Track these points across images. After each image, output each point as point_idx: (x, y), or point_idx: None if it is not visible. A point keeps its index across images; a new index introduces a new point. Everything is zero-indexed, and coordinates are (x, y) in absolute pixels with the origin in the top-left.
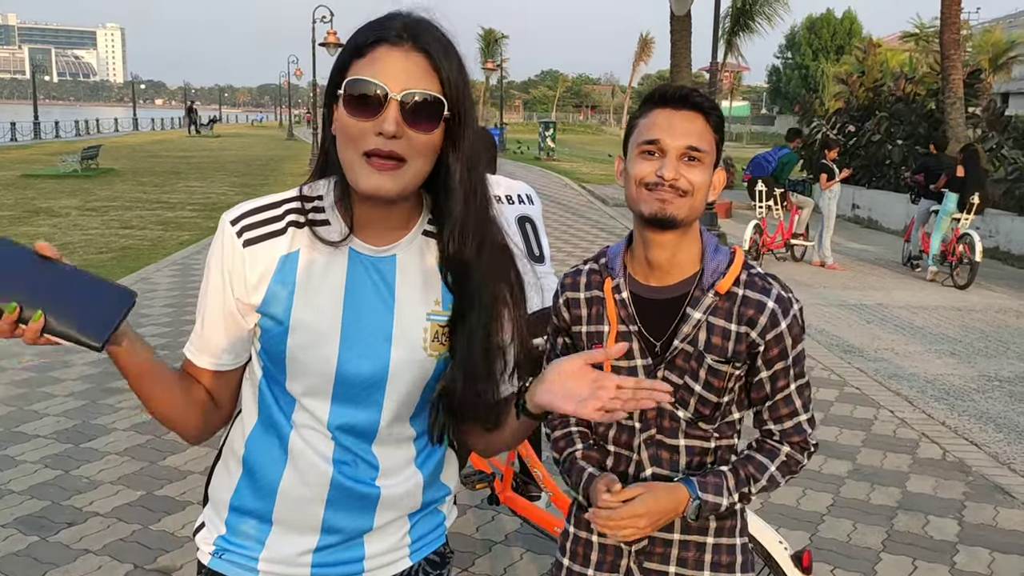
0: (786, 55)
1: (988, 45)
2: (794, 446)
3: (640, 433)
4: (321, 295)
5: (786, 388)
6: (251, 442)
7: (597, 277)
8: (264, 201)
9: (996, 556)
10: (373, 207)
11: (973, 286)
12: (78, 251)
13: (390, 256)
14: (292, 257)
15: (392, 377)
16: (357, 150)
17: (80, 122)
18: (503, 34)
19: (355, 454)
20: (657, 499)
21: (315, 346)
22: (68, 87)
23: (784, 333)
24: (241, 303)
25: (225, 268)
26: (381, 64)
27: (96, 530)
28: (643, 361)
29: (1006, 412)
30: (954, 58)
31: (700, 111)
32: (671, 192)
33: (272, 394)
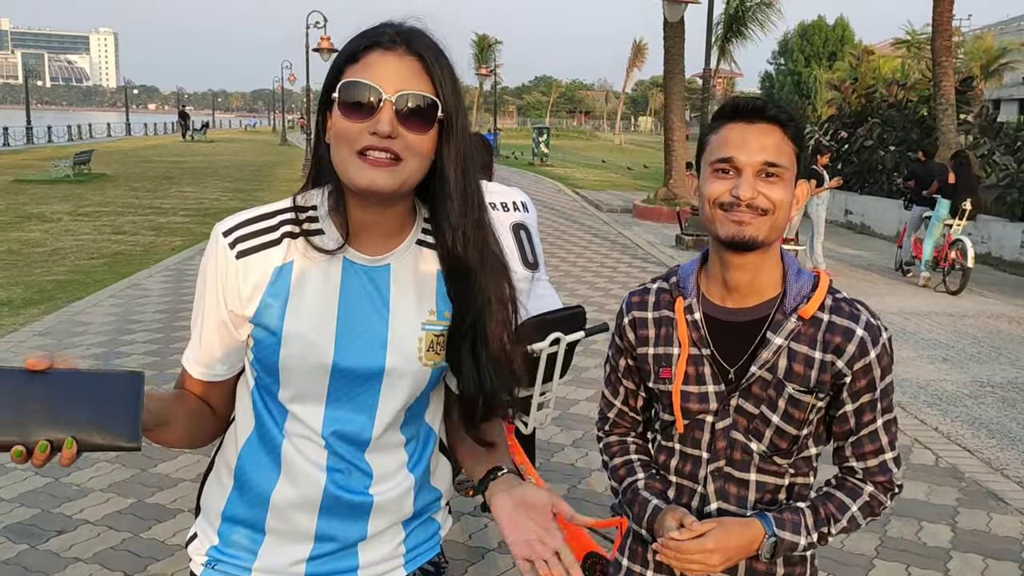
0: (779, 61)
1: (980, 52)
2: (878, 486)
3: (707, 464)
4: (315, 305)
5: (872, 423)
6: (244, 452)
7: (667, 296)
8: (258, 212)
9: (989, 563)
10: (368, 214)
11: (965, 292)
12: (70, 256)
13: (384, 265)
14: (287, 268)
15: (386, 383)
16: (352, 150)
17: (73, 127)
18: (497, 40)
19: (348, 462)
20: (730, 534)
21: (309, 355)
22: (61, 92)
23: (873, 363)
24: (234, 315)
25: (219, 280)
26: (375, 68)
27: (86, 538)
28: (715, 387)
29: (998, 418)
30: (946, 65)
31: (776, 123)
32: (749, 212)
33: (264, 404)
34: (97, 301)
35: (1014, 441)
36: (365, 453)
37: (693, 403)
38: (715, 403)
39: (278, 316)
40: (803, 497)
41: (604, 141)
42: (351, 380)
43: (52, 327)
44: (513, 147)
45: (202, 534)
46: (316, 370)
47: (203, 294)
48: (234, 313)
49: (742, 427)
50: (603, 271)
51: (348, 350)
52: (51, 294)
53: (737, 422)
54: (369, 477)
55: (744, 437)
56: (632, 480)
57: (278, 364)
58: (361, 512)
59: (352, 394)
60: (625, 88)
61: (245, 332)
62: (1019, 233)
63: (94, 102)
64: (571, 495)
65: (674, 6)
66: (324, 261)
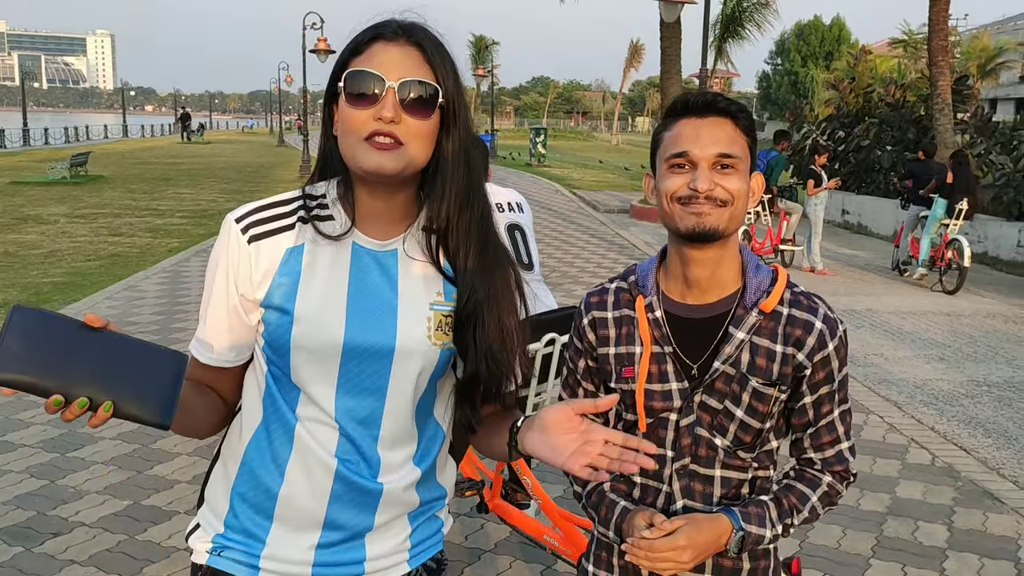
0: (776, 61)
1: (976, 51)
2: (835, 475)
3: (672, 462)
4: (325, 286)
5: (830, 414)
6: (255, 439)
7: (626, 295)
8: (269, 200)
9: (986, 562)
10: (376, 200)
11: (962, 291)
12: (67, 258)
13: (392, 250)
14: (298, 250)
15: (396, 363)
16: (359, 136)
17: (69, 129)
18: (494, 40)
19: (358, 449)
20: (700, 530)
21: (320, 334)
22: (58, 94)
23: (831, 355)
24: (245, 299)
25: (230, 266)
26: (378, 58)
27: (82, 540)
28: (679, 384)
29: (995, 417)
30: (942, 64)
31: (727, 115)
32: (708, 203)
33: (277, 388)
34: (94, 303)
35: (1010, 440)
36: (376, 441)
37: (657, 401)
38: (679, 400)
39: (289, 296)
40: (765, 490)
41: (601, 141)
42: (362, 359)
43: None
44: (511, 148)
45: (206, 524)
46: (327, 349)
47: (212, 281)
48: (245, 298)
49: (706, 423)
50: (600, 271)
51: (358, 329)
52: (47, 296)
53: (701, 418)
54: (377, 465)
55: (708, 433)
56: (597, 483)
57: (289, 344)
58: (370, 500)
59: (363, 374)
60: (622, 88)
61: (255, 317)
62: (1015, 232)
63: (91, 104)
64: (566, 495)
65: (670, 7)
66: (334, 245)
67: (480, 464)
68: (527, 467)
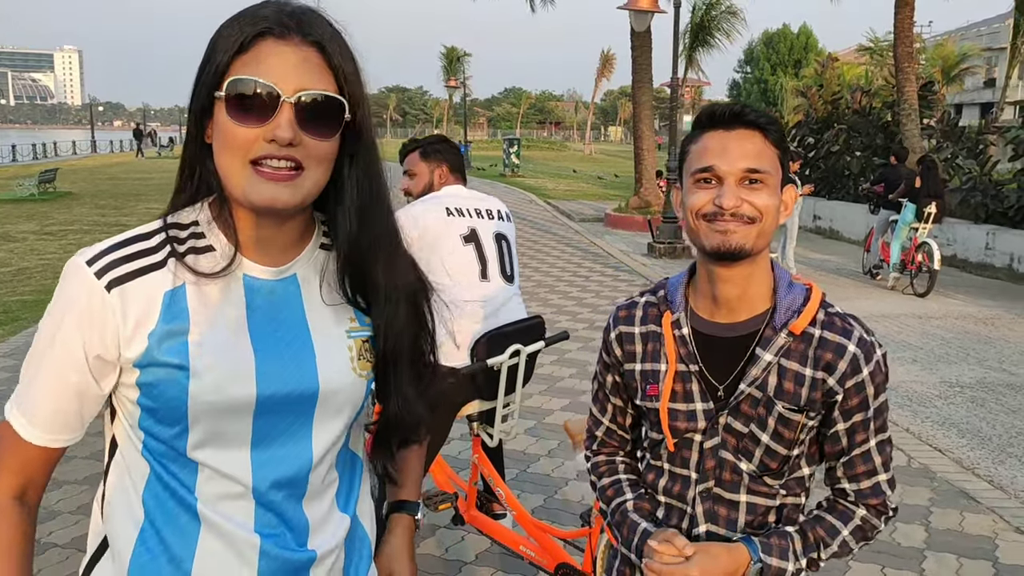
0: (745, 69)
1: (941, 57)
2: (870, 509)
3: (696, 485)
4: (222, 331)
5: (865, 443)
6: (140, 541)
7: (655, 311)
8: (126, 236)
9: (964, 562)
10: (262, 230)
11: (932, 293)
12: (36, 276)
13: (289, 276)
14: (179, 293)
15: (321, 404)
16: (244, 160)
17: (37, 145)
18: (465, 52)
19: (282, 517)
20: (715, 560)
21: (227, 391)
22: (25, 110)
23: (866, 381)
24: (102, 361)
25: (83, 322)
26: (268, 61)
27: (56, 561)
28: (704, 405)
29: (968, 418)
30: (908, 71)
31: (756, 128)
32: (734, 221)
33: (164, 469)
34: None
35: (984, 440)
36: (301, 500)
37: (681, 421)
38: (703, 421)
39: (180, 350)
40: (793, 520)
41: (574, 151)
42: (280, 411)
43: (18, 347)
44: (485, 159)
45: None
46: (237, 407)
47: (52, 340)
48: (102, 359)
49: (731, 446)
50: (576, 280)
51: (272, 376)
52: (16, 315)
53: (726, 441)
54: (306, 529)
55: (733, 457)
56: (620, 501)
57: (186, 409)
58: (301, 571)
59: (282, 427)
60: (594, 98)
61: (109, 384)
62: (983, 235)
63: (59, 120)
64: (547, 505)
65: (640, 16)
66: (221, 281)
67: (454, 476)
68: (501, 479)
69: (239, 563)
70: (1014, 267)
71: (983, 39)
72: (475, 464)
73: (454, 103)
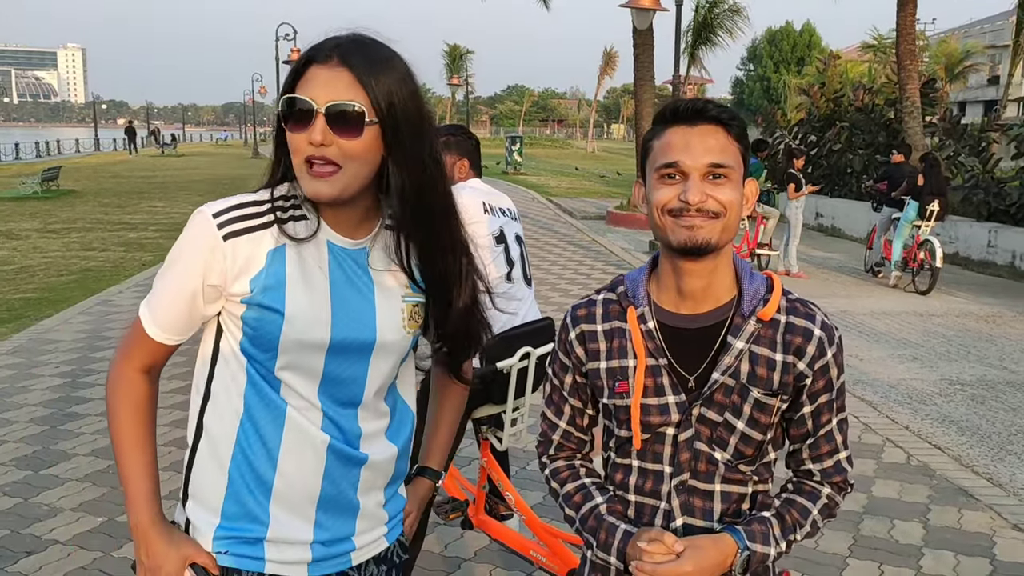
0: (748, 67)
1: (944, 55)
2: (834, 486)
3: (671, 479)
4: (310, 286)
5: (828, 424)
6: (242, 427)
7: (616, 307)
8: (243, 199)
9: (961, 559)
10: (336, 207)
11: (934, 291)
12: (39, 274)
13: (362, 248)
14: (280, 251)
15: (376, 352)
16: (300, 159)
17: (41, 143)
18: (468, 50)
19: (339, 426)
20: (705, 553)
21: (309, 333)
22: (29, 108)
23: (830, 363)
24: (214, 288)
25: (202, 255)
26: (311, 83)
27: (57, 558)
28: (676, 398)
29: (968, 415)
30: (911, 68)
31: (718, 123)
32: (700, 216)
33: (262, 376)
34: (67, 318)
35: (983, 438)
36: (356, 417)
37: (654, 416)
38: (677, 414)
39: (278, 298)
40: (766, 505)
41: (577, 149)
42: (345, 353)
43: (21, 345)
44: (487, 156)
45: (199, 520)
46: (315, 347)
47: (176, 262)
48: (215, 287)
49: (705, 437)
50: (578, 278)
51: (343, 327)
52: (19, 312)
53: (700, 432)
54: (358, 438)
55: (708, 447)
56: (592, 505)
57: (278, 342)
58: (356, 472)
59: (345, 365)
60: (597, 96)
61: (214, 308)
62: (985, 233)
63: (62, 118)
64: (547, 502)
65: (643, 13)
66: (312, 244)
67: (463, 481)
68: (509, 482)
69: (313, 452)
70: (1016, 265)
71: (986, 36)
72: (483, 467)
73: (457, 101)
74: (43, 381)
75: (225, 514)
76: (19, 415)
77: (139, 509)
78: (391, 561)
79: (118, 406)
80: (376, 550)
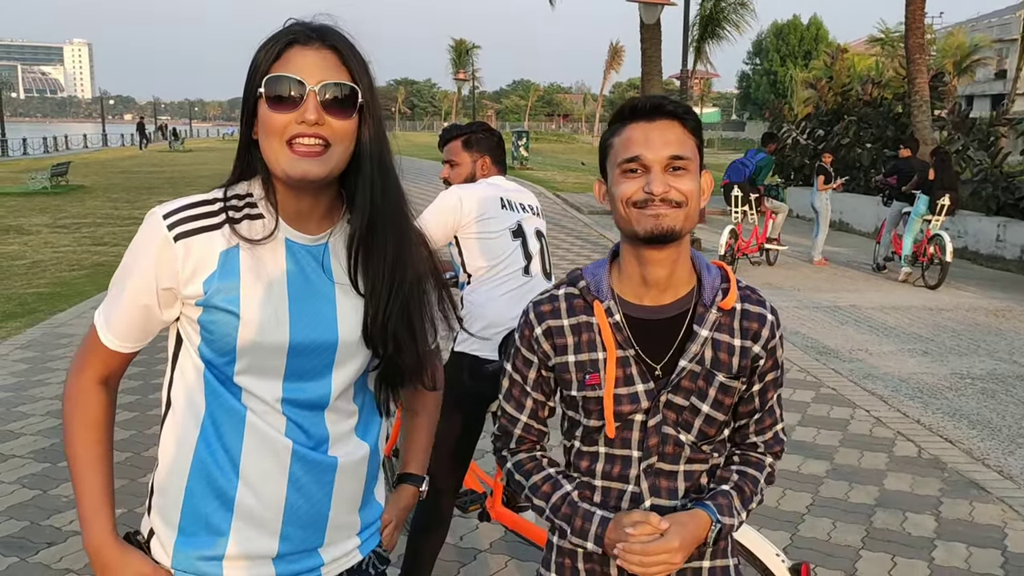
0: (754, 61)
1: (952, 49)
2: (774, 455)
3: (640, 463)
4: (266, 286)
5: (771, 399)
6: (202, 434)
7: (580, 302)
8: (195, 199)
9: (973, 551)
10: (301, 203)
11: (943, 286)
12: (50, 268)
13: (322, 244)
14: (233, 252)
15: (340, 351)
16: (282, 140)
17: (48, 139)
18: (474, 44)
19: (305, 431)
20: (687, 529)
21: (267, 333)
22: (35, 104)
23: (777, 344)
24: (167, 293)
25: (154, 259)
26: (296, 62)
27: (77, 549)
28: (644, 386)
29: (979, 409)
30: (919, 62)
31: (675, 118)
32: (664, 205)
33: (220, 382)
34: (80, 312)
35: (994, 431)
36: (323, 419)
37: (625, 405)
38: (646, 401)
39: (233, 300)
40: (723, 479)
41: (583, 144)
42: (307, 355)
43: (35, 340)
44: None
45: (161, 533)
46: (274, 349)
47: (131, 270)
48: (169, 290)
49: (671, 421)
50: None
51: (302, 327)
52: (33, 307)
53: (667, 417)
54: (326, 440)
55: (674, 430)
56: (563, 493)
57: (235, 346)
58: (326, 478)
59: (308, 367)
60: (603, 91)
61: (171, 313)
62: (994, 227)
63: (69, 113)
64: None
65: (650, 8)
66: (269, 244)
67: (481, 473)
68: None
69: (275, 460)
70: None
71: (994, 30)
72: None
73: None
74: (58, 375)
75: (183, 528)
76: (36, 408)
77: (92, 528)
78: (366, 574)
79: (72, 422)
80: (348, 563)
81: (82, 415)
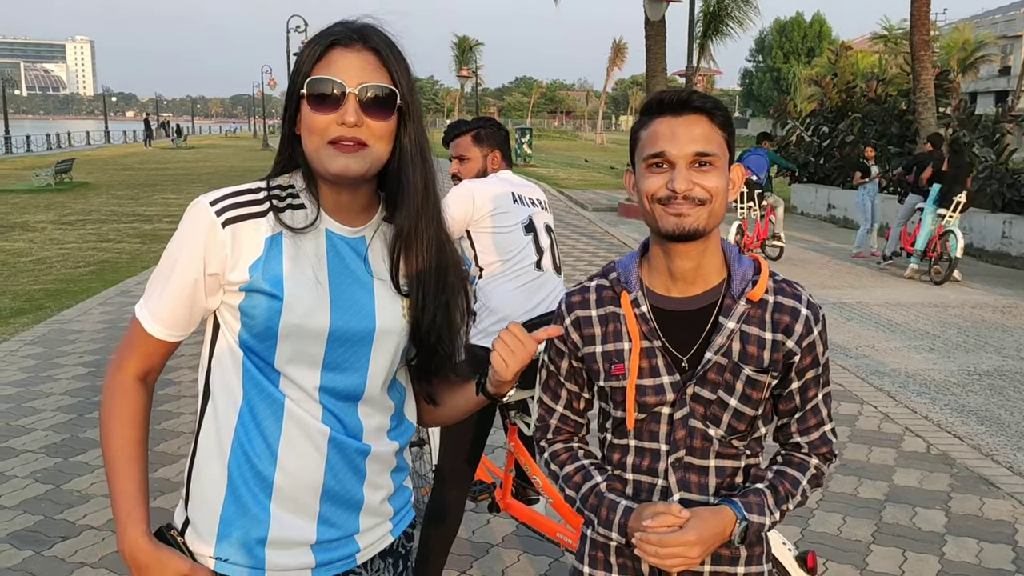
0: (757, 58)
1: (956, 46)
2: (821, 457)
3: (667, 456)
4: (309, 274)
5: (815, 398)
6: (240, 422)
7: (609, 292)
8: (241, 187)
9: (984, 546)
10: (339, 195)
11: (949, 282)
12: (56, 265)
13: (361, 236)
14: (277, 239)
15: (377, 340)
16: (323, 139)
17: (52, 136)
18: (477, 41)
19: (340, 419)
20: (707, 524)
21: (309, 317)
22: (38, 101)
23: (817, 340)
24: (214, 278)
25: (202, 244)
26: (337, 64)
27: (91, 543)
28: (670, 378)
29: (986, 405)
30: (924, 59)
31: (702, 112)
32: (687, 204)
33: (259, 369)
34: (87, 309)
35: (1003, 427)
36: (356, 410)
37: (650, 396)
38: (672, 394)
39: (277, 284)
40: (758, 477)
41: (586, 141)
42: (346, 342)
43: (43, 336)
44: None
45: (200, 521)
46: (315, 335)
47: (177, 256)
48: (215, 276)
49: (699, 414)
50: (591, 270)
51: (342, 315)
52: (40, 303)
53: (694, 410)
54: (360, 431)
55: (702, 424)
56: (592, 484)
57: (277, 330)
58: (359, 465)
59: (345, 356)
60: (606, 88)
61: (215, 301)
62: (1000, 224)
63: (71, 110)
64: None
65: (655, 5)
66: (311, 233)
67: (490, 464)
68: (537, 467)
69: (313, 446)
70: None
71: (998, 27)
72: (511, 452)
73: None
74: (68, 371)
75: (224, 515)
76: (46, 404)
77: (126, 530)
78: (397, 553)
79: (111, 419)
80: (381, 547)
81: (120, 412)
